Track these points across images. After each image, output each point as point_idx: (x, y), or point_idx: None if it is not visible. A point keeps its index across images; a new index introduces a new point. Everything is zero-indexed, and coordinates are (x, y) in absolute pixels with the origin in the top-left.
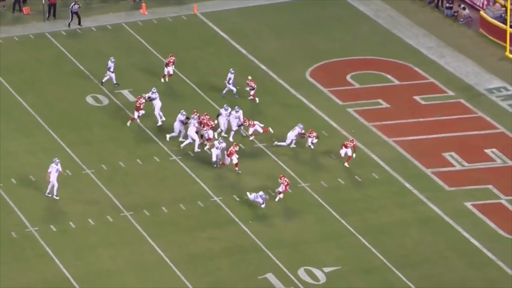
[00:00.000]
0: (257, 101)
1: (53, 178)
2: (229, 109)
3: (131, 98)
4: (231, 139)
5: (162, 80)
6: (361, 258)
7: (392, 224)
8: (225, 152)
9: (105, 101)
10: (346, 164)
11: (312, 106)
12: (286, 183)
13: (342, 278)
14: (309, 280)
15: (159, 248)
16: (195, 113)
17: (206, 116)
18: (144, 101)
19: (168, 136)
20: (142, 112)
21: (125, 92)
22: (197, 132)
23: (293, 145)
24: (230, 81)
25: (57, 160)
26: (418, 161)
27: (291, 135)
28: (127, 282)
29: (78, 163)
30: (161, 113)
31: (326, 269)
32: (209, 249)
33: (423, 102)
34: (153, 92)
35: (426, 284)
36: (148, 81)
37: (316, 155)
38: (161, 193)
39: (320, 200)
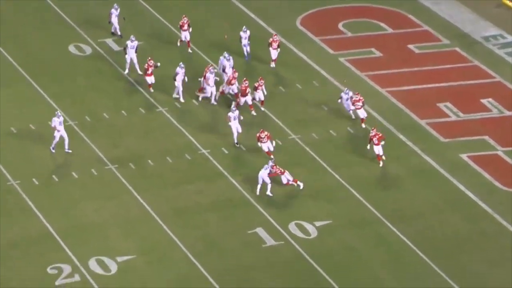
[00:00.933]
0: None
1: (62, 131)
2: (231, 58)
3: (115, 47)
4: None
5: (178, 44)
6: (353, 212)
7: (385, 177)
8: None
9: (88, 50)
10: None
11: (303, 56)
12: (280, 172)
13: (333, 233)
14: (300, 234)
15: (145, 202)
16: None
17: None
18: (152, 65)
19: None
20: (152, 78)
21: (109, 41)
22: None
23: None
24: (242, 40)
25: (59, 113)
26: (412, 111)
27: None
28: (112, 236)
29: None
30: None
31: (318, 223)
32: (197, 203)
33: (417, 51)
34: (132, 40)
35: (421, 238)
36: (133, 28)
37: (307, 106)
38: (147, 145)
39: (312, 153)
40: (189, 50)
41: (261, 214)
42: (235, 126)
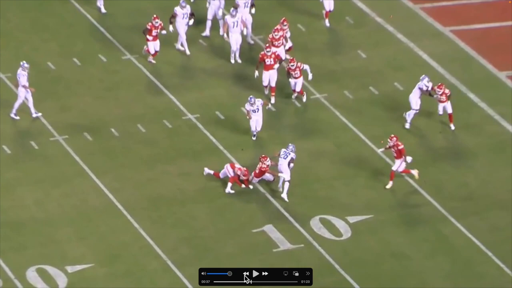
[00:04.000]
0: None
1: (26, 89)
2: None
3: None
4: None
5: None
6: (404, 203)
7: (448, 153)
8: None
9: None
10: (451, 126)
11: None
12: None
13: (374, 232)
14: (327, 235)
15: (106, 187)
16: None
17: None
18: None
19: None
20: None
21: None
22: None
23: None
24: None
25: (26, 64)
26: (487, 60)
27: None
28: (60, 236)
29: None
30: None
31: (351, 219)
32: (180, 190)
33: None
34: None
35: (499, 239)
36: None
37: (336, 52)
38: (109, 107)
39: (343, 118)
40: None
41: (271, 205)
42: (255, 119)
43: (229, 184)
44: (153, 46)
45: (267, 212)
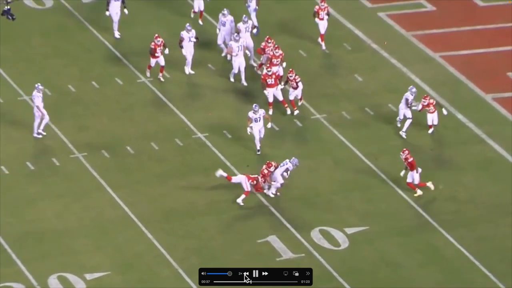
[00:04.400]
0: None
1: (42, 109)
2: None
3: None
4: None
5: (192, 15)
6: (396, 216)
7: (440, 168)
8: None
9: (49, 3)
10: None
11: (331, 10)
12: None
13: (371, 243)
14: (326, 245)
15: (122, 201)
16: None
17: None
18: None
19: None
20: (161, 60)
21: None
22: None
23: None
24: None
25: (40, 86)
26: (474, 83)
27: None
28: (79, 247)
29: (12, 86)
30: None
31: (349, 230)
32: (191, 204)
33: (481, 3)
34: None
35: (487, 250)
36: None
37: (334, 76)
38: (124, 126)
39: (341, 137)
40: (200, 22)
41: (274, 218)
42: (257, 129)
43: (243, 196)
44: (158, 62)
45: (271, 224)
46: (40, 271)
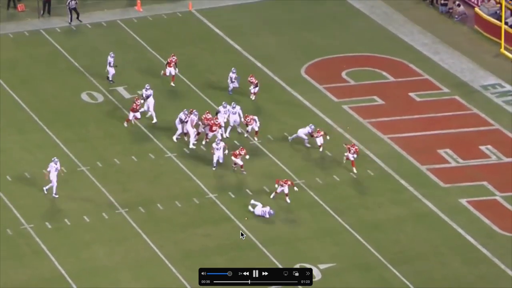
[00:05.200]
0: (253, 99)
1: (53, 177)
2: (228, 106)
3: (126, 95)
4: (227, 134)
5: (162, 74)
6: (357, 255)
7: (387, 221)
8: (226, 150)
9: (100, 98)
10: (354, 169)
11: (307, 103)
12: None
13: (337, 275)
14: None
15: (154, 244)
16: (192, 111)
17: (208, 115)
18: (142, 101)
19: (174, 137)
20: (138, 114)
21: (120, 89)
22: (198, 132)
23: (306, 144)
24: (233, 79)
25: (56, 159)
26: (413, 157)
27: (301, 132)
28: (122, 279)
29: (73, 160)
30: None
31: (322, 266)
32: (205, 246)
33: (418, 99)
34: (146, 88)
35: (421, 280)
36: (143, 78)
37: (311, 152)
38: (156, 190)
39: (315, 197)
40: (172, 84)
41: (266, 257)
42: (217, 155)
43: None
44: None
45: (264, 260)
46: None
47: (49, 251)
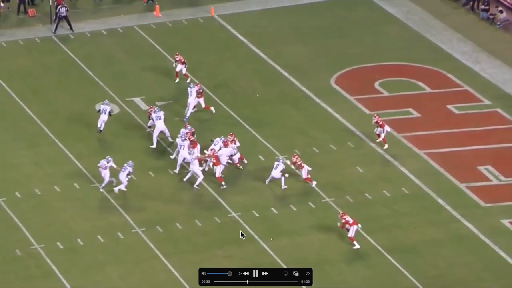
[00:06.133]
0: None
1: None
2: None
3: (143, 106)
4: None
5: (177, 80)
6: (390, 279)
7: (423, 243)
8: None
9: (116, 109)
10: (381, 142)
11: (338, 116)
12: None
13: None
14: None
15: (172, 266)
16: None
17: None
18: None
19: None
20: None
21: (137, 99)
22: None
23: (285, 176)
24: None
25: (109, 157)
26: (451, 175)
27: (275, 174)
28: None
29: (86, 176)
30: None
31: None
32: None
33: (456, 112)
34: (156, 110)
35: None
36: (162, 88)
37: (340, 168)
38: (175, 208)
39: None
40: (177, 80)
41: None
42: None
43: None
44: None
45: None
46: None
47: (61, 273)
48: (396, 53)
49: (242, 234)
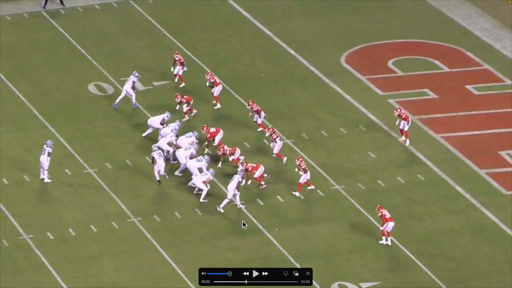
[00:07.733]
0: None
1: (44, 160)
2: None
3: (140, 86)
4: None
5: (176, 80)
6: (405, 272)
7: (440, 233)
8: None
9: (110, 90)
10: (404, 139)
11: (348, 97)
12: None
13: None
14: None
15: (171, 259)
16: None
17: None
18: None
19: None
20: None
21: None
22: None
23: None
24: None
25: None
26: (470, 160)
27: (231, 187)
28: None
29: (78, 161)
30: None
31: (364, 285)
32: (229, 261)
33: (476, 92)
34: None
35: None
36: (158, 66)
37: (352, 152)
38: (173, 196)
39: (357, 205)
40: (183, 84)
41: None
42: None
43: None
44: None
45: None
46: None
47: (51, 265)
48: (411, 30)
49: (244, 224)
